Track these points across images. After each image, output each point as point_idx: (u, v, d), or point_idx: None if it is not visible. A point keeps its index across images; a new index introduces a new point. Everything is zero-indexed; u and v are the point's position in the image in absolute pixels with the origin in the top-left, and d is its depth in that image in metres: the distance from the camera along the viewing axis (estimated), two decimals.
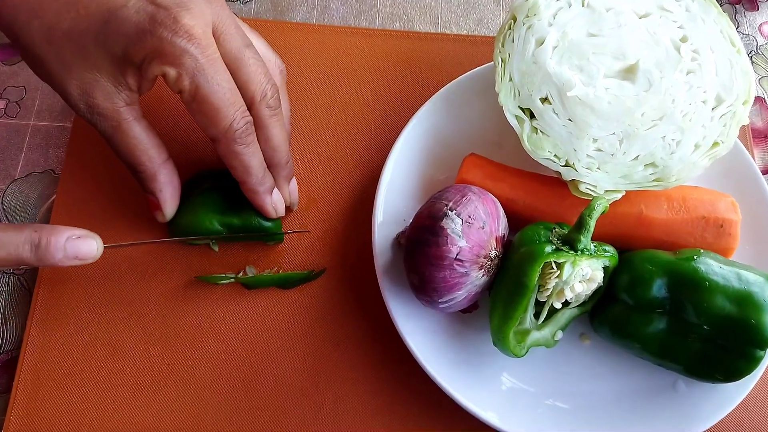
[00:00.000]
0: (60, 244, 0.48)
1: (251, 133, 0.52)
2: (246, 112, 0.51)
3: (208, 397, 0.58)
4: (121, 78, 0.49)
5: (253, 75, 0.51)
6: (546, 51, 0.55)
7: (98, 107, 0.49)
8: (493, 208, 0.52)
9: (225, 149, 0.52)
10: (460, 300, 0.52)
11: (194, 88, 0.48)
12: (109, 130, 0.51)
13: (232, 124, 0.50)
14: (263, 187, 0.56)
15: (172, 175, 0.55)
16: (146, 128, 0.52)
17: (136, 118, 0.51)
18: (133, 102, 0.51)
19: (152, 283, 0.60)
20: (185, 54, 0.47)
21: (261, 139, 0.54)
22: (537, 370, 0.57)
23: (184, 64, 0.47)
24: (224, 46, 0.50)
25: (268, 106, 0.53)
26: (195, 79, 0.48)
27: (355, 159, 0.65)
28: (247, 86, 0.52)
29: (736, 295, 0.50)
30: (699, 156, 0.54)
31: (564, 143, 0.54)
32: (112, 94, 0.49)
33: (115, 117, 0.50)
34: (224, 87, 0.49)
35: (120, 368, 0.58)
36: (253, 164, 0.54)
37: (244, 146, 0.52)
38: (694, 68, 0.55)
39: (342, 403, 0.58)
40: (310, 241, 0.63)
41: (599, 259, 0.52)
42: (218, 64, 0.49)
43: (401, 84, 0.68)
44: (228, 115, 0.50)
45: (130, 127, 0.51)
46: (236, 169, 0.54)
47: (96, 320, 0.59)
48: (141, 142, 0.52)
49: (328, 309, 0.60)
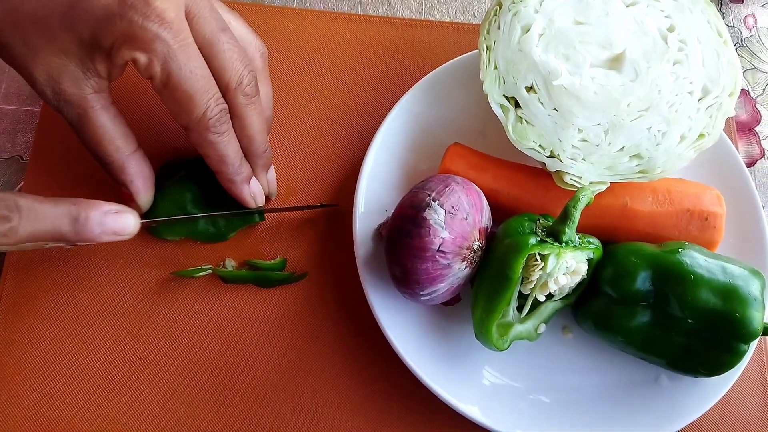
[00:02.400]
0: (98, 218, 0.46)
1: (226, 122, 0.51)
2: (220, 99, 0.50)
3: (181, 391, 0.56)
4: (89, 63, 0.46)
5: (228, 61, 0.50)
6: (532, 38, 0.54)
7: (65, 93, 0.47)
8: (476, 199, 0.52)
9: (198, 138, 0.50)
10: (442, 292, 0.51)
11: (165, 75, 0.46)
12: (75, 118, 0.48)
13: (205, 113, 0.48)
14: (240, 176, 0.54)
15: (143, 165, 0.53)
16: (114, 116, 0.50)
17: (104, 106, 0.49)
18: (102, 89, 0.48)
19: (124, 274, 0.59)
20: (156, 39, 0.45)
21: (237, 128, 0.52)
22: (519, 363, 0.56)
23: (156, 49, 0.45)
24: (198, 30, 0.48)
25: (244, 94, 0.51)
26: (166, 65, 0.46)
27: (336, 148, 0.64)
28: (222, 73, 0.50)
29: (721, 289, 0.49)
30: (685, 148, 0.54)
31: (549, 133, 0.53)
32: (80, 80, 0.47)
33: (82, 104, 0.47)
34: (197, 74, 0.47)
35: (89, 362, 0.56)
36: (228, 153, 0.52)
37: (219, 135, 0.50)
38: (681, 59, 0.54)
39: (320, 397, 0.57)
40: (289, 231, 0.61)
41: (584, 251, 0.51)
42: (191, 50, 0.47)
43: (384, 71, 0.67)
44: (201, 103, 0.48)
45: (97, 116, 0.48)
46: (211, 159, 0.52)
47: (64, 312, 0.57)
48: (108, 131, 0.49)
49: (308, 301, 0.59)
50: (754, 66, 0.72)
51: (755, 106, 0.71)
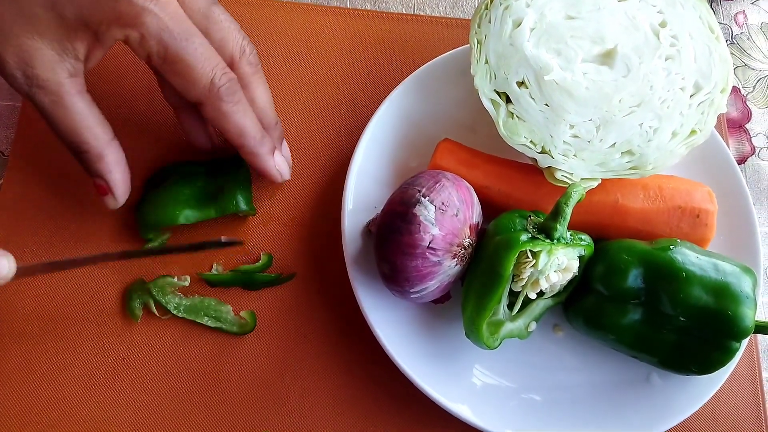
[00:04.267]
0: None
1: (238, 90, 0.49)
2: (227, 68, 0.48)
3: (166, 391, 0.55)
4: (67, 44, 0.45)
5: (227, 32, 0.49)
6: (523, 33, 0.53)
7: (38, 78, 0.45)
8: (467, 195, 0.51)
9: (213, 111, 0.48)
10: (432, 290, 0.51)
11: (162, 49, 0.45)
12: (49, 104, 0.46)
13: (213, 81, 0.47)
14: (264, 148, 0.52)
15: (121, 155, 0.50)
16: (90, 103, 0.48)
17: (80, 91, 0.47)
18: (78, 73, 0.46)
19: (106, 272, 0.57)
20: (145, 12, 0.44)
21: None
22: (510, 362, 0.56)
23: (146, 23, 0.44)
24: (189, 5, 0.47)
25: (249, 63, 0.50)
26: (161, 38, 0.44)
27: (325, 143, 0.63)
28: (224, 44, 0.48)
29: (713, 286, 0.49)
30: (676, 144, 0.54)
31: (540, 129, 0.53)
32: (55, 63, 0.45)
33: (57, 90, 0.45)
34: (195, 42, 0.46)
35: (72, 362, 0.55)
36: (246, 123, 0.50)
37: (233, 104, 0.49)
38: (672, 54, 0.54)
39: (308, 397, 0.56)
40: (277, 230, 0.60)
41: (575, 248, 0.50)
42: (183, 20, 0.46)
43: (373, 66, 0.66)
44: (206, 71, 0.47)
45: (73, 102, 0.46)
46: (230, 132, 0.50)
47: (46, 311, 0.56)
48: (85, 118, 0.47)
49: (296, 300, 0.58)
50: (744, 63, 0.72)
51: (746, 103, 0.71)
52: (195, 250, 0.55)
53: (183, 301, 0.56)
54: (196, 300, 0.57)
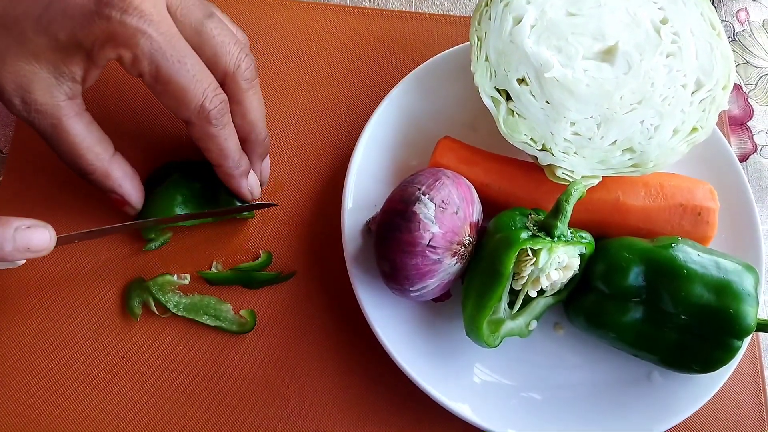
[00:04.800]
0: (8, 234, 0.43)
1: (226, 113, 0.49)
2: (218, 90, 0.48)
3: (165, 390, 0.55)
4: (63, 67, 0.45)
5: (221, 47, 0.48)
6: (524, 30, 0.53)
7: (36, 103, 0.45)
8: (467, 193, 0.51)
9: (200, 132, 0.49)
10: (432, 288, 0.50)
11: (154, 70, 0.45)
12: (48, 128, 0.46)
13: (203, 104, 0.47)
14: (239, 170, 0.53)
15: (125, 166, 0.52)
16: (89, 123, 0.48)
17: (78, 113, 0.47)
18: (75, 95, 0.47)
19: (106, 270, 0.57)
20: (138, 33, 0.43)
21: (237, 115, 0.51)
22: (510, 360, 0.56)
23: (139, 44, 0.44)
24: (182, 21, 0.47)
25: (245, 78, 0.50)
26: (153, 59, 0.44)
27: (324, 141, 0.63)
28: (216, 60, 0.48)
29: (715, 284, 0.49)
30: (677, 141, 0.53)
31: (541, 126, 0.53)
32: (52, 86, 0.45)
33: (56, 113, 0.46)
34: (187, 63, 0.46)
35: (71, 361, 0.55)
36: (229, 146, 0.51)
37: (220, 128, 0.49)
38: (674, 51, 0.54)
39: (308, 397, 0.56)
40: (277, 227, 0.60)
41: (576, 246, 0.50)
42: (176, 40, 0.45)
43: (373, 64, 0.66)
44: (197, 94, 0.47)
45: (72, 124, 0.46)
46: (211, 152, 0.51)
47: (45, 309, 0.56)
48: (84, 139, 0.48)
49: (295, 299, 0.58)
50: (746, 60, 0.72)
51: (747, 100, 0.70)
52: (228, 215, 0.57)
53: (183, 300, 0.56)
54: (196, 298, 0.57)
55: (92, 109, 0.49)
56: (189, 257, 0.58)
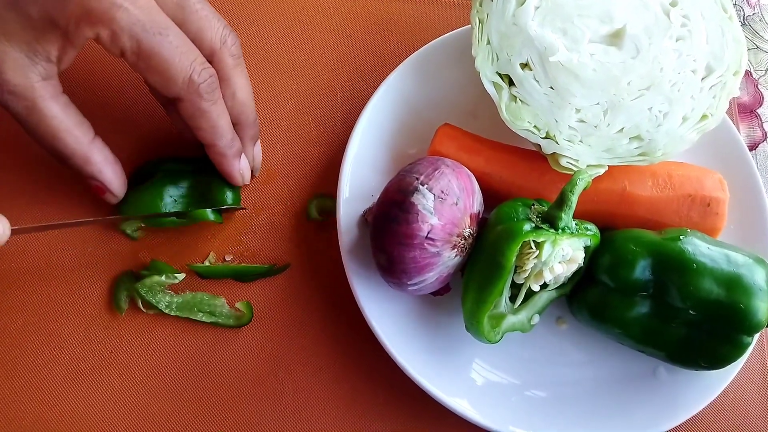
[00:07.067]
0: None
1: (216, 88, 0.48)
2: (206, 63, 0.47)
3: (155, 386, 0.54)
4: (36, 46, 0.43)
5: (205, 20, 0.47)
6: (527, 11, 0.51)
7: (8, 84, 0.43)
8: (467, 183, 0.50)
9: (191, 108, 0.47)
10: (431, 282, 0.49)
11: (135, 45, 0.43)
12: (23, 111, 0.44)
13: (191, 77, 0.46)
14: (232, 150, 0.52)
15: (106, 151, 0.50)
16: (66, 105, 0.46)
17: (54, 95, 0.45)
18: (51, 76, 0.45)
19: (93, 263, 0.56)
20: (114, 7, 0.42)
21: (226, 95, 0.50)
22: (511, 356, 0.55)
23: (116, 18, 0.42)
24: None
25: (231, 54, 0.49)
26: (133, 32, 0.43)
27: (319, 129, 0.62)
28: (202, 35, 0.47)
29: (725, 278, 0.48)
30: (687, 129, 0.52)
31: (545, 113, 0.51)
32: (25, 67, 0.43)
33: (30, 95, 0.44)
34: (170, 35, 0.44)
35: (57, 356, 0.54)
36: (221, 123, 0.50)
37: (212, 103, 0.48)
38: (683, 35, 0.52)
39: (303, 393, 0.55)
40: (270, 219, 0.59)
41: (580, 238, 0.49)
42: (155, 13, 0.44)
43: (370, 48, 0.64)
44: (184, 66, 0.45)
45: (48, 106, 0.45)
46: (203, 131, 0.49)
47: (30, 304, 0.55)
48: (62, 122, 0.46)
49: (289, 293, 0.57)
50: (756, 45, 0.70)
51: (757, 87, 0.68)
52: (196, 220, 0.55)
53: (174, 299, 0.55)
54: (188, 296, 0.55)
55: (70, 93, 0.47)
56: (179, 250, 0.57)
